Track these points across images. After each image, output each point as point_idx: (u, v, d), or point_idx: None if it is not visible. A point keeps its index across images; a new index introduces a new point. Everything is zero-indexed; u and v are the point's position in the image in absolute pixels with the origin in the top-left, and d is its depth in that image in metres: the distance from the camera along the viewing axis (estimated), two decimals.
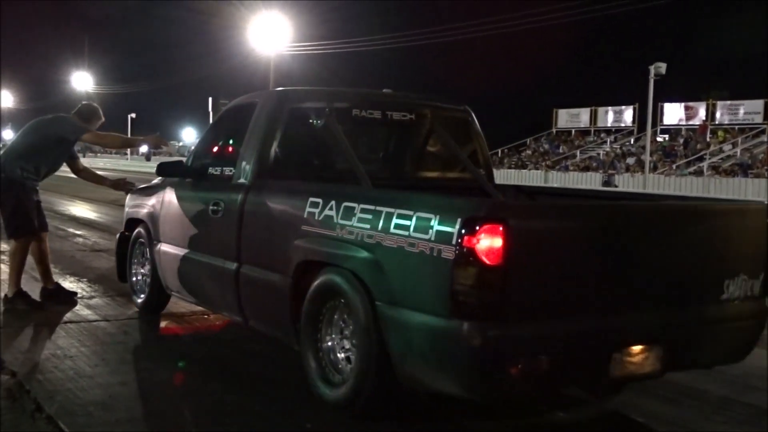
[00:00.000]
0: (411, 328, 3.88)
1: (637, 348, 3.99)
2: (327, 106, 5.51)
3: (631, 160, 38.39)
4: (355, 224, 4.21)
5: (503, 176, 41.43)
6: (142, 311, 6.78)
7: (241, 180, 5.39)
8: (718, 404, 4.95)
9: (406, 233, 3.87)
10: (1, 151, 7.29)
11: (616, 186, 33.04)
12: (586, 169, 39.78)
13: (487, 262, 3.56)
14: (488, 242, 3.55)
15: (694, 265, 4.20)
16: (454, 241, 3.61)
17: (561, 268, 3.79)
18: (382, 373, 4.08)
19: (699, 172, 34.50)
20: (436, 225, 3.73)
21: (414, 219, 3.86)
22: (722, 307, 4.28)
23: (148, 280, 6.66)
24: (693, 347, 4.30)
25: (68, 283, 8.08)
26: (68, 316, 6.68)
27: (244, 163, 5.43)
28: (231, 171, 5.57)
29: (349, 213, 4.29)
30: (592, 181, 36.10)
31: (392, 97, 6.12)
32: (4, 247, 10.73)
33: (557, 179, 38.22)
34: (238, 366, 5.39)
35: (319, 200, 4.54)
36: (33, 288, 7.21)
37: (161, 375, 5.22)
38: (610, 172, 35.54)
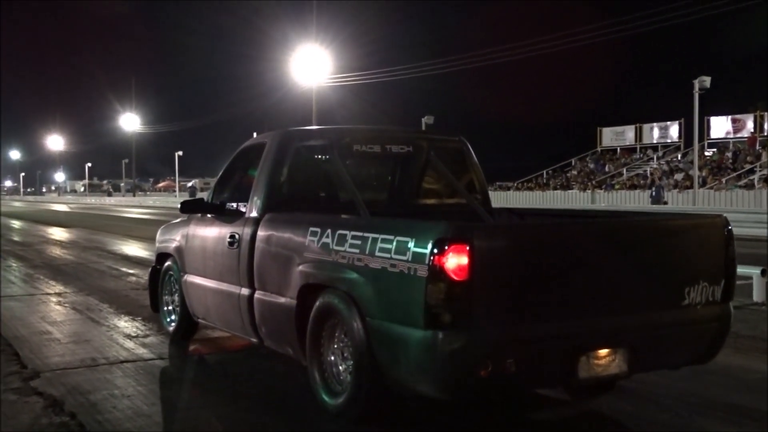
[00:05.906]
0: (395, 339, 4.27)
1: (603, 351, 4.32)
2: (330, 144, 5.98)
3: (679, 176, 37.77)
4: (347, 249, 4.62)
5: (549, 199, 41.08)
6: (173, 337, 7.30)
7: (253, 213, 5.84)
8: None
9: (389, 255, 4.27)
10: None
11: (665, 202, 32.50)
12: (634, 187, 39.20)
13: (455, 278, 3.95)
14: (456, 260, 3.95)
15: (654, 275, 4.53)
16: (426, 261, 4.00)
17: (523, 280, 4.17)
18: (373, 381, 4.49)
19: (750, 186, 33.79)
20: (412, 247, 4.13)
21: (394, 243, 4.27)
22: (684, 311, 4.58)
23: (178, 308, 7.18)
24: (658, 350, 4.60)
25: (123, 322, 8.19)
26: (124, 355, 6.77)
27: (255, 198, 5.90)
28: (245, 206, 6.00)
29: (342, 240, 4.70)
30: (639, 199, 35.52)
31: (391, 132, 6.64)
32: (60, 288, 10.93)
33: (604, 199, 37.72)
34: (295, 400, 5.38)
35: (318, 229, 4.96)
36: (90, 329, 7.29)
37: (218, 413, 5.24)
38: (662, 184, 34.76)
